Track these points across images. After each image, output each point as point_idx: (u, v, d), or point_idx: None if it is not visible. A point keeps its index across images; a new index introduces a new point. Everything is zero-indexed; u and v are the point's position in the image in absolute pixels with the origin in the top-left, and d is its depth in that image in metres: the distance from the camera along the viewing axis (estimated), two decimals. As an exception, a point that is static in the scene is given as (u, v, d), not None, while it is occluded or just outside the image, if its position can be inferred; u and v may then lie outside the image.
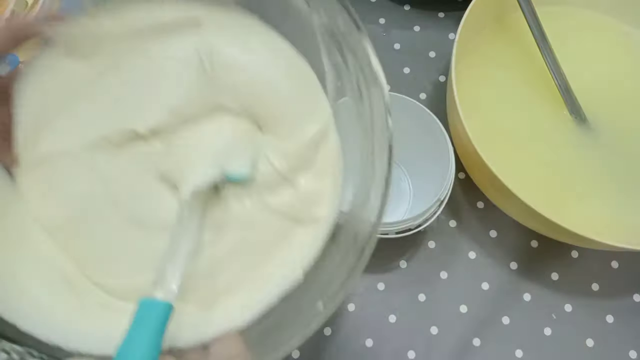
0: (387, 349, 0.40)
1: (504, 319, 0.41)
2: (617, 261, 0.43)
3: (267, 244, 0.27)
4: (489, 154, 0.35)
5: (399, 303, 0.42)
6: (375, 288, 0.42)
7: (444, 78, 0.49)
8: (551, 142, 0.42)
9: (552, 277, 0.43)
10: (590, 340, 0.41)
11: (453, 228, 0.44)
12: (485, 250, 0.43)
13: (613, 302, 0.42)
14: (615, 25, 0.47)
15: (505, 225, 0.43)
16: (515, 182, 0.34)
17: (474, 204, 0.45)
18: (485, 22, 0.45)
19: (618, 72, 0.45)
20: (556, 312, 0.42)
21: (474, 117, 0.37)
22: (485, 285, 0.42)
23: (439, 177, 0.39)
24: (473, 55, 0.44)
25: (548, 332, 0.41)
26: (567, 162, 0.41)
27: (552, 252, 0.43)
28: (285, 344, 0.22)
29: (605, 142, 0.42)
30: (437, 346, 0.41)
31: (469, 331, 0.41)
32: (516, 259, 0.43)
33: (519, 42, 0.45)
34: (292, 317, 0.25)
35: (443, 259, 0.43)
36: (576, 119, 0.42)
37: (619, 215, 0.40)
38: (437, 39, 0.50)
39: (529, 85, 0.44)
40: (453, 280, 0.42)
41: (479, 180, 0.41)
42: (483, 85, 0.43)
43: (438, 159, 0.40)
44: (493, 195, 0.41)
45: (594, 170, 0.41)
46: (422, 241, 0.44)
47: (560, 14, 0.46)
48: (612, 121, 0.43)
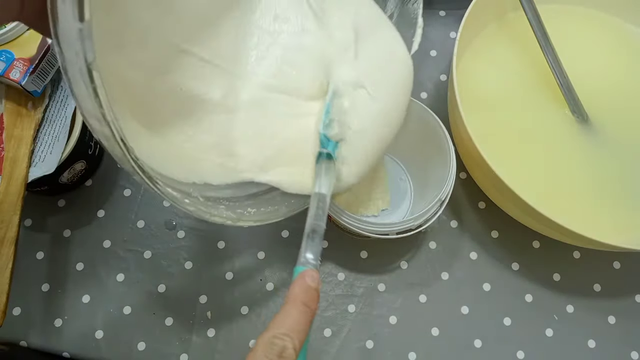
0: (388, 350, 0.40)
1: (505, 320, 0.41)
2: (619, 262, 0.43)
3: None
4: (490, 153, 0.35)
5: (399, 304, 0.41)
6: (375, 289, 0.42)
7: (445, 77, 0.49)
8: (553, 141, 0.42)
9: (554, 278, 0.42)
10: (592, 341, 0.41)
11: (454, 228, 0.44)
12: (486, 251, 0.43)
13: (615, 303, 0.42)
14: (617, 23, 0.46)
15: (506, 226, 0.43)
16: (517, 182, 0.34)
17: (475, 204, 0.44)
18: (487, 20, 0.45)
19: (620, 71, 0.45)
20: (558, 313, 0.42)
21: (475, 116, 0.37)
22: (487, 286, 0.42)
23: (440, 177, 0.39)
24: (474, 54, 0.43)
25: (550, 333, 0.41)
26: (569, 162, 0.41)
27: (554, 253, 0.43)
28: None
29: (608, 142, 0.42)
30: (438, 347, 0.40)
31: (470, 332, 0.41)
32: (518, 260, 0.43)
33: (521, 41, 0.44)
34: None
35: (444, 260, 0.43)
36: (578, 118, 0.42)
37: (621, 216, 0.39)
38: (438, 38, 0.50)
39: (531, 84, 0.43)
40: (454, 281, 0.42)
41: (481, 180, 0.41)
42: (484, 84, 0.43)
43: (439, 158, 0.40)
44: (494, 196, 0.41)
45: (596, 169, 0.41)
46: (423, 242, 0.43)
47: (561, 12, 0.46)
48: (614, 120, 0.43)
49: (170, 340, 0.40)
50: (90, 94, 0.18)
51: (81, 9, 0.17)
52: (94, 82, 0.18)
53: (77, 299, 0.41)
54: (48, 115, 0.40)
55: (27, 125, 0.39)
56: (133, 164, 0.21)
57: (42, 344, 0.40)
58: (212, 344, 0.40)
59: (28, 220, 0.44)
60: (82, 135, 0.40)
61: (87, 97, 0.18)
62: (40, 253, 0.43)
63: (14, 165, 0.38)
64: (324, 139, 0.30)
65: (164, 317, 0.41)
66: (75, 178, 0.43)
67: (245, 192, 0.32)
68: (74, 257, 0.43)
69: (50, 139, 0.39)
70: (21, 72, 0.37)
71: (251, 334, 0.40)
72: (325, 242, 0.43)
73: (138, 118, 0.27)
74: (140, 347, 0.40)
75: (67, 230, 0.43)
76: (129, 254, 0.43)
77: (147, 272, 0.42)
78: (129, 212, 0.44)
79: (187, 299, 0.41)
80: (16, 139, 0.39)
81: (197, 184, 0.29)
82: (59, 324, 0.41)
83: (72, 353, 0.40)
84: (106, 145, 0.20)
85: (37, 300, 0.41)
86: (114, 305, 0.41)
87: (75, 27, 0.17)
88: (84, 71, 0.18)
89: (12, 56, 0.38)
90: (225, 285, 0.42)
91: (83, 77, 0.18)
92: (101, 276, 0.42)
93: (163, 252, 0.43)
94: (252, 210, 0.30)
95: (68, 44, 0.18)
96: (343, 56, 0.33)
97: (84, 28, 0.17)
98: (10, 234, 0.36)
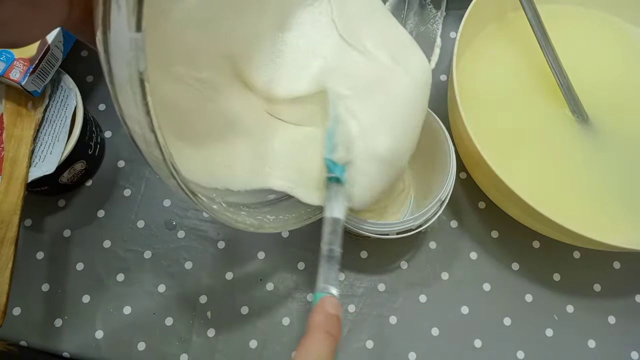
0: (388, 350, 0.40)
1: (505, 320, 0.41)
2: (619, 262, 0.43)
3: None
4: (490, 153, 0.35)
5: (399, 304, 0.41)
6: (375, 289, 0.42)
7: (445, 77, 0.49)
8: (553, 141, 0.42)
9: (554, 278, 0.42)
10: (592, 341, 0.41)
11: (454, 228, 0.44)
12: (486, 251, 0.43)
13: (615, 303, 0.42)
14: (618, 23, 0.46)
15: (506, 226, 0.43)
16: (517, 182, 0.34)
17: (475, 204, 0.44)
18: (487, 20, 0.45)
19: (620, 71, 0.45)
20: (558, 313, 0.41)
21: (475, 116, 0.37)
22: (487, 286, 0.42)
23: (440, 177, 0.39)
24: (474, 54, 0.43)
25: (549, 333, 0.41)
26: (569, 162, 0.41)
27: (554, 253, 0.43)
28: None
29: (608, 142, 0.42)
30: (438, 347, 0.40)
31: (470, 332, 0.41)
32: (518, 260, 0.43)
33: (521, 41, 0.44)
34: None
35: (444, 260, 0.43)
36: (578, 118, 0.42)
37: (621, 216, 0.39)
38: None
39: (531, 84, 0.43)
40: (454, 281, 0.42)
41: (481, 180, 0.41)
42: (484, 84, 0.43)
43: (439, 158, 0.40)
44: (494, 196, 0.41)
45: (596, 169, 0.41)
46: (423, 242, 0.43)
47: (561, 12, 0.46)
48: (614, 120, 0.43)
49: (170, 340, 0.40)
50: (137, 101, 0.18)
51: (139, 19, 0.17)
52: (145, 90, 0.18)
53: (77, 299, 0.41)
54: (48, 115, 0.40)
55: (27, 125, 0.39)
56: (172, 170, 0.21)
57: (42, 344, 0.40)
58: (212, 344, 0.40)
59: (28, 220, 0.44)
60: (82, 135, 0.40)
61: (132, 104, 0.18)
62: (40, 253, 0.43)
63: (14, 165, 0.38)
64: (330, 163, 0.30)
65: (164, 317, 0.41)
66: (75, 178, 0.43)
67: (262, 198, 0.32)
68: (74, 257, 0.43)
69: (50, 139, 0.39)
70: (21, 72, 0.37)
71: (251, 334, 0.40)
72: (325, 242, 0.43)
73: (172, 128, 0.27)
74: (140, 347, 0.40)
75: (67, 230, 0.43)
76: (129, 254, 0.43)
77: (147, 272, 0.42)
78: (129, 212, 0.44)
79: (187, 299, 0.41)
80: (16, 139, 0.39)
81: (219, 190, 0.29)
82: (59, 324, 0.41)
83: (72, 353, 0.40)
84: (144, 151, 0.20)
85: (37, 300, 0.41)
86: (114, 305, 0.41)
87: (130, 37, 0.17)
88: (135, 80, 0.18)
89: (12, 56, 0.38)
90: (225, 285, 0.42)
91: (133, 87, 0.18)
92: (101, 276, 0.42)
93: (163, 252, 0.43)
94: (270, 217, 0.31)
95: (119, 54, 0.18)
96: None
97: (139, 39, 0.17)
98: (10, 234, 0.36)
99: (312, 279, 0.42)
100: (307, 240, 0.43)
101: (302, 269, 0.42)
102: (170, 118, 0.27)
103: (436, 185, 0.38)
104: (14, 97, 0.40)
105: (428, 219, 0.37)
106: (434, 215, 0.37)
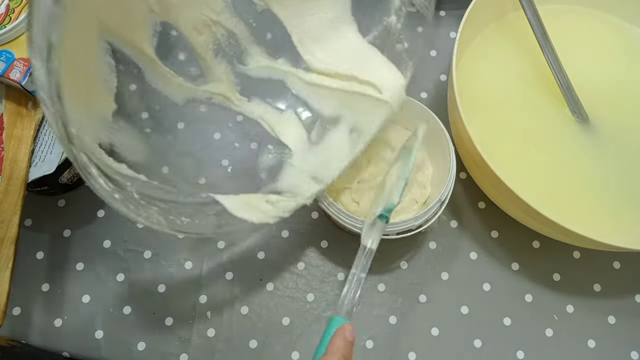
0: (388, 350, 0.40)
1: (505, 320, 0.41)
2: (619, 262, 0.43)
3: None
4: (490, 153, 0.35)
5: (399, 304, 0.41)
6: (375, 289, 0.42)
7: (445, 77, 0.49)
8: (553, 141, 0.42)
9: (554, 278, 0.42)
10: (592, 341, 0.41)
11: (454, 228, 0.44)
12: (486, 251, 0.43)
13: (615, 303, 0.42)
14: (617, 23, 0.46)
15: (506, 226, 0.43)
16: (517, 182, 0.34)
17: (475, 204, 0.44)
18: (487, 20, 0.45)
19: (620, 71, 0.45)
20: (557, 313, 0.41)
21: (475, 116, 0.37)
22: (487, 286, 0.42)
23: (440, 177, 0.39)
24: (474, 54, 0.43)
25: (549, 333, 0.41)
26: (568, 162, 0.41)
27: (554, 253, 0.43)
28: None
29: (608, 142, 0.42)
30: (438, 347, 0.40)
31: (470, 332, 0.41)
32: (517, 260, 0.43)
33: (521, 41, 0.44)
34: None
35: (444, 260, 0.43)
36: (578, 118, 0.42)
37: (621, 216, 0.39)
38: (438, 38, 0.50)
39: (531, 84, 0.43)
40: (454, 281, 0.42)
41: (480, 180, 0.41)
42: (484, 84, 0.43)
43: (439, 158, 0.40)
44: (494, 196, 0.41)
45: (596, 169, 0.41)
46: (423, 242, 0.43)
47: (561, 12, 0.46)
48: (614, 120, 0.43)
49: (170, 340, 0.40)
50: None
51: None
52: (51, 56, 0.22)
53: (77, 299, 0.41)
54: (48, 115, 0.40)
55: (27, 125, 0.39)
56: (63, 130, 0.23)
57: (42, 343, 0.40)
58: (212, 344, 0.40)
59: (28, 220, 0.44)
60: (82, 135, 0.40)
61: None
62: (40, 253, 0.43)
63: (14, 165, 0.38)
64: (392, 206, 0.33)
65: (164, 317, 0.41)
66: (75, 178, 0.43)
67: (193, 199, 0.33)
68: (73, 257, 0.43)
69: (50, 139, 0.39)
70: (21, 72, 0.37)
71: (251, 334, 0.40)
72: (325, 242, 0.43)
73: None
74: (140, 347, 0.40)
75: (67, 230, 0.43)
76: (129, 254, 0.43)
77: (147, 272, 0.42)
78: (129, 212, 0.44)
79: (187, 299, 0.41)
80: (16, 139, 0.39)
81: (137, 179, 0.30)
82: (59, 323, 0.41)
83: (72, 353, 0.40)
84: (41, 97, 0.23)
85: (37, 300, 0.41)
86: (114, 305, 0.41)
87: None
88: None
89: (12, 56, 0.38)
90: (225, 285, 0.42)
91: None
92: (101, 276, 0.42)
93: (163, 252, 0.43)
94: (185, 219, 0.31)
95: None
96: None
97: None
98: (10, 234, 0.36)
99: (312, 279, 0.42)
100: (307, 241, 0.43)
101: (302, 269, 0.42)
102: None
103: (436, 185, 0.38)
104: (14, 97, 0.40)
105: (428, 219, 0.37)
106: (434, 215, 0.37)
